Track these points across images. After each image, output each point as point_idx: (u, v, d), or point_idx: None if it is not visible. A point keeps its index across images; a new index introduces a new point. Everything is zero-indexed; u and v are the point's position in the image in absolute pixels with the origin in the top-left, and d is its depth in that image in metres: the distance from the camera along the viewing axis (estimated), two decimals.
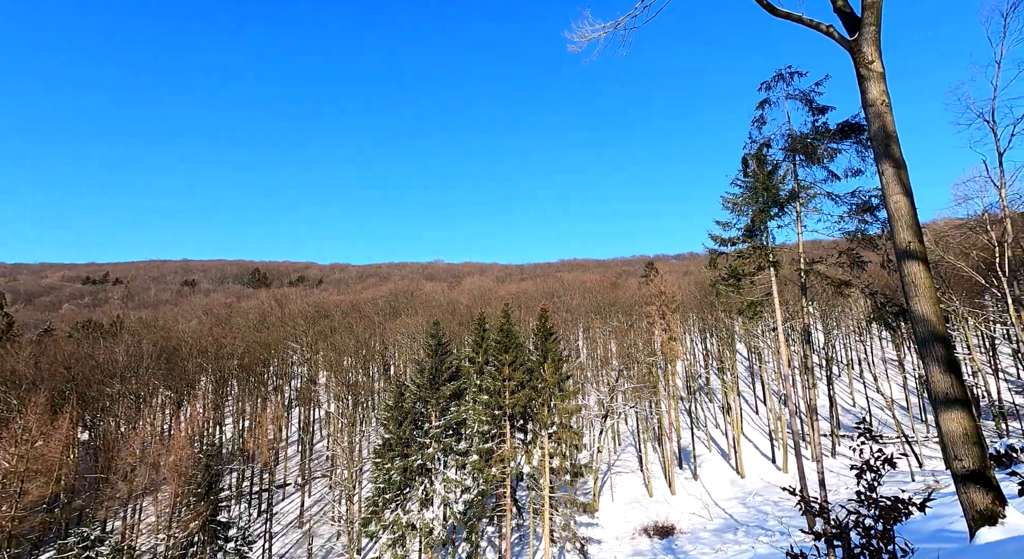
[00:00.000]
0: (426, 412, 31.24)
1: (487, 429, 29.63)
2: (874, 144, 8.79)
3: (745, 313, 20.59)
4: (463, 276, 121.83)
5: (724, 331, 59.64)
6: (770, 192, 14.60)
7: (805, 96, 12.54)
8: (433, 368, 32.51)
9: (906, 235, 8.49)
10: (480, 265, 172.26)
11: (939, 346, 8.13)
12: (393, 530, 24.64)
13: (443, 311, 64.46)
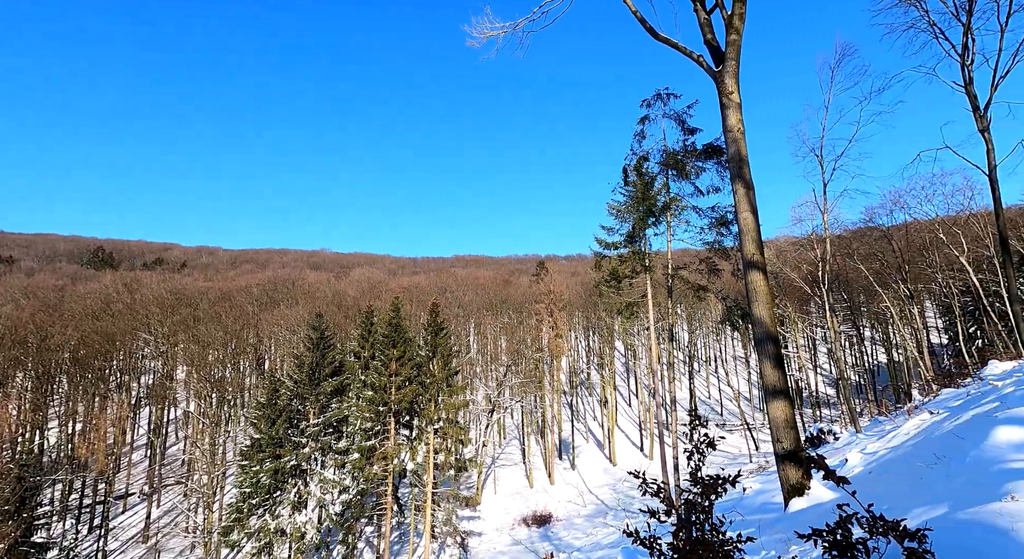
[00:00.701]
0: (304, 410, 29.27)
1: (370, 426, 28.58)
2: (730, 166, 9.97)
3: (623, 313, 22.25)
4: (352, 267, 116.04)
5: (605, 329, 63.81)
6: (648, 202, 15.96)
7: (679, 116, 14.00)
8: (314, 363, 30.55)
9: (751, 248, 9.73)
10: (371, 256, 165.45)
11: (771, 345, 9.47)
12: (259, 537, 22.71)
13: (328, 303, 60.85)
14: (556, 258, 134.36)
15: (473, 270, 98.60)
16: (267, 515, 24.28)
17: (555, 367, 55.05)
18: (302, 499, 25.69)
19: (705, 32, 9.68)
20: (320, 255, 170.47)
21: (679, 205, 14.70)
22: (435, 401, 30.48)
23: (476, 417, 51.17)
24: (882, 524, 2.27)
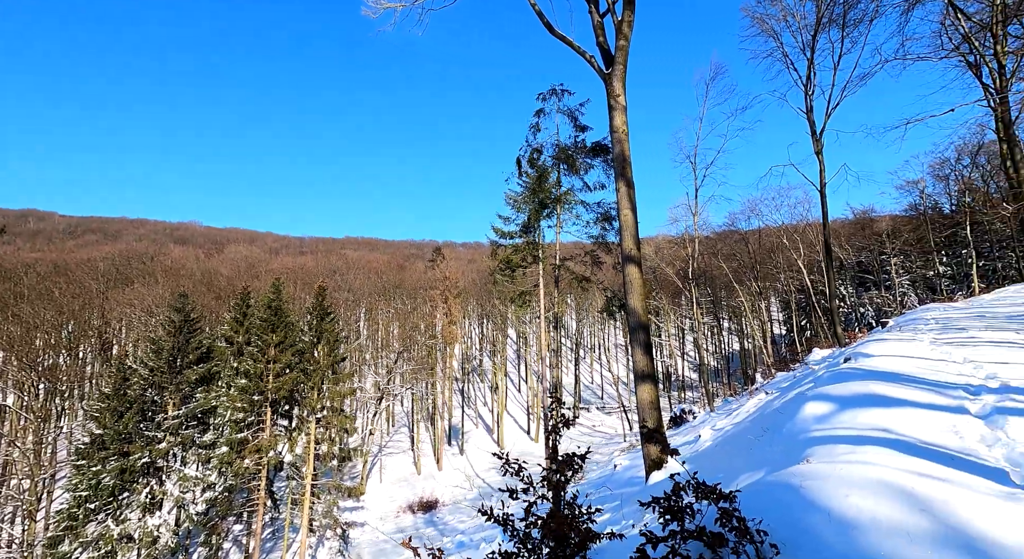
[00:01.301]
0: (161, 401, 26.03)
1: (243, 417, 26.30)
2: (615, 165, 10.61)
3: (516, 301, 22.84)
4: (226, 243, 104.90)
5: (499, 317, 64.96)
6: (543, 194, 16.48)
7: (571, 113, 14.66)
8: (175, 348, 27.24)
9: (629, 243, 10.46)
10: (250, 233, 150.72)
11: (642, 333, 10.32)
12: (99, 546, 19.87)
13: (196, 283, 54.51)
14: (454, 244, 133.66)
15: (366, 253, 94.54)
16: (110, 520, 21.30)
17: (448, 354, 55.00)
18: (155, 500, 22.92)
19: (598, 35, 10.13)
20: (188, 228, 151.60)
21: (569, 199, 15.43)
22: (318, 389, 28.90)
23: (364, 405, 49.54)
24: (703, 490, 2.60)
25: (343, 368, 35.46)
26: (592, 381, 73.10)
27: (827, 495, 2.83)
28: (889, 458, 3.53)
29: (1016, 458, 3.64)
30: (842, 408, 5.28)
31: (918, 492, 2.85)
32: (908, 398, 5.45)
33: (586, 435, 51.13)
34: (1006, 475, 3.34)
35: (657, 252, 50.46)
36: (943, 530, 2.49)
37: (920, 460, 3.51)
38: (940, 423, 4.52)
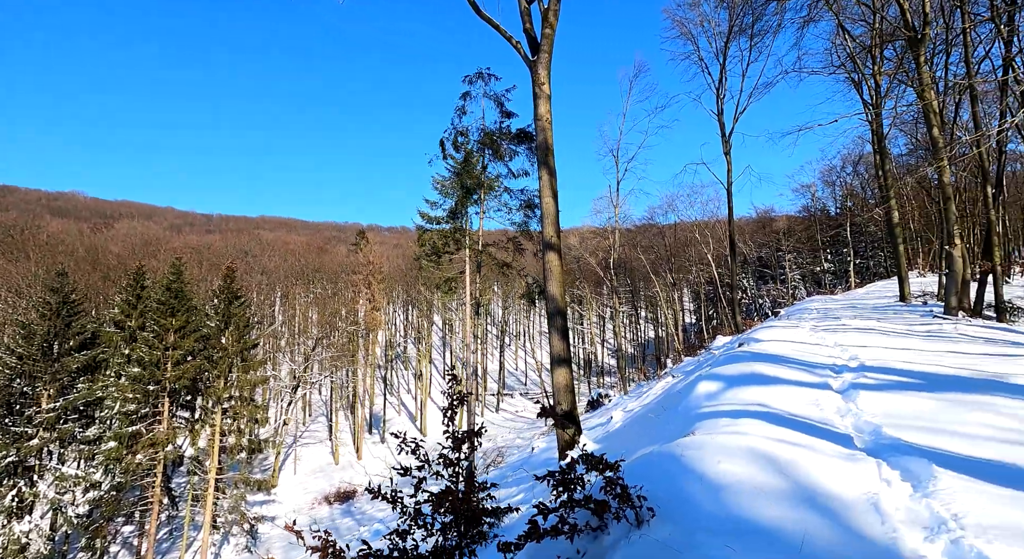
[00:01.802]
0: (33, 392, 23.05)
1: (135, 408, 23.98)
2: (538, 153, 10.75)
3: (442, 287, 22.60)
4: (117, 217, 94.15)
5: (424, 304, 64.05)
6: (471, 180, 16.36)
7: (498, 98, 14.67)
8: (51, 333, 24.18)
9: (550, 231, 10.68)
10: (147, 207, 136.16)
11: (560, 319, 10.63)
12: None
13: (79, 260, 48.55)
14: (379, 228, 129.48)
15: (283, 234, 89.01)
16: None
17: (371, 341, 53.50)
18: (25, 503, 20.39)
19: (525, 21, 10.14)
20: (69, 199, 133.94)
21: (495, 185, 15.45)
22: (225, 377, 26.99)
23: (278, 394, 47.03)
24: (592, 462, 2.75)
25: (255, 355, 33.34)
26: (516, 368, 74.44)
27: (702, 462, 3.10)
28: (761, 428, 3.93)
29: (861, 425, 4.21)
30: (729, 386, 5.80)
31: (778, 457, 3.20)
32: (784, 376, 6.08)
33: (509, 420, 52.13)
34: (851, 440, 3.85)
35: (581, 242, 52.01)
36: (794, 488, 2.82)
37: (785, 429, 3.95)
38: (806, 397, 5.10)
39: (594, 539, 2.73)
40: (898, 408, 4.55)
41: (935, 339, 9.04)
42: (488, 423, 51.58)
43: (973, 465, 3.12)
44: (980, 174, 15.00)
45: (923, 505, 2.68)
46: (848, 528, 2.45)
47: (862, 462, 3.26)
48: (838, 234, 49.88)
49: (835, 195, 53.15)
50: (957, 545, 2.29)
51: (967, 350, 7.67)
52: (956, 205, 14.58)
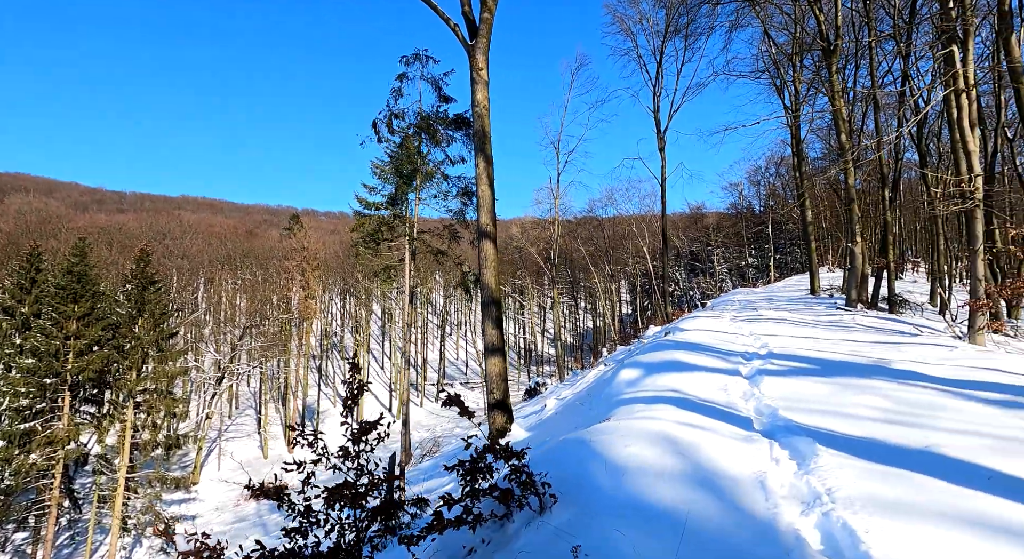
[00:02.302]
0: None
1: (28, 403, 21.68)
2: (475, 140, 10.60)
3: (381, 275, 21.97)
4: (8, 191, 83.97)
5: (363, 292, 62.21)
6: (412, 165, 15.87)
7: (435, 82, 14.26)
8: None
9: (486, 219, 10.59)
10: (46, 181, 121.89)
11: (494, 307, 10.61)
12: None
13: None
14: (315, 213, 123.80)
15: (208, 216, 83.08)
16: None
17: (305, 330, 51.38)
18: None
19: (463, 3, 9.90)
20: None
21: (432, 171, 15.10)
22: (138, 369, 24.96)
23: (200, 386, 44.22)
24: (498, 450, 2.74)
25: (173, 345, 31.08)
26: (457, 357, 74.17)
27: (611, 447, 3.18)
28: (671, 413, 4.10)
29: (761, 408, 4.50)
30: (648, 373, 6.02)
31: (683, 440, 3.34)
32: (700, 364, 6.40)
33: (449, 410, 51.99)
34: (751, 422, 4.10)
35: (523, 232, 52.33)
36: (693, 469, 2.95)
37: (694, 414, 4.14)
38: (717, 383, 5.39)
39: (500, 527, 2.72)
40: (795, 392, 4.90)
41: (835, 328, 9.86)
42: (428, 413, 51.18)
43: (851, 443, 3.40)
44: (880, 179, 16.47)
45: (804, 481, 2.89)
46: (735, 505, 2.59)
47: (757, 443, 3.47)
48: (761, 231, 53.30)
49: (760, 194, 56.72)
50: (827, 517, 2.49)
51: (860, 338, 8.42)
52: (859, 207, 15.93)
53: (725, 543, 2.24)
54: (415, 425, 46.36)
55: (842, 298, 16.00)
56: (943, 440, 3.29)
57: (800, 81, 17.92)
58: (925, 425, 3.67)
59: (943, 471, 2.83)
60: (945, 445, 3.18)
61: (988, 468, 2.85)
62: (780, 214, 45.22)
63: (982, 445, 3.17)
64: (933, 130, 19.90)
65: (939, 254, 20.33)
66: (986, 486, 2.64)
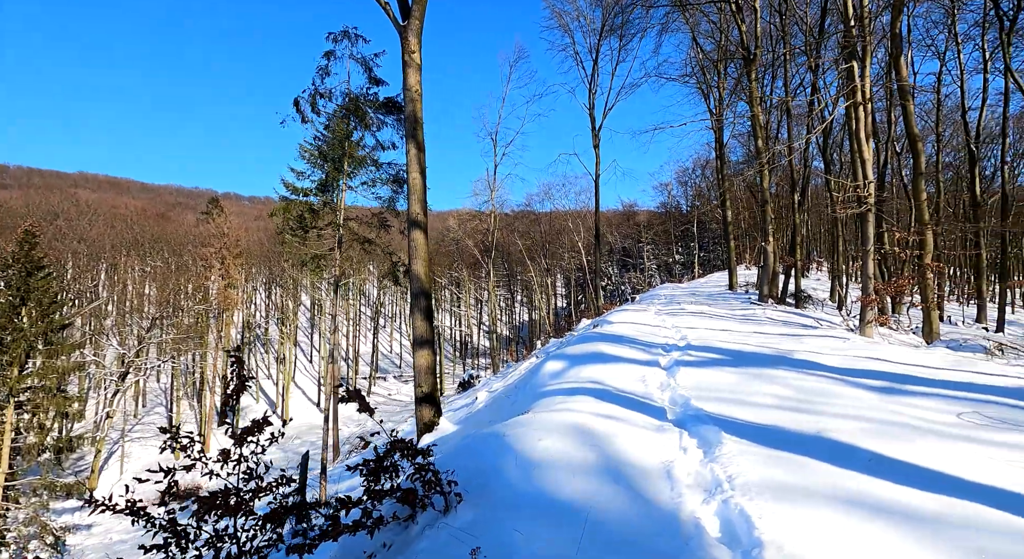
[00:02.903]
0: None
1: None
2: (406, 125, 10.20)
3: (309, 265, 20.84)
4: None
5: (291, 282, 59.17)
6: (339, 150, 15.04)
7: (366, 62, 13.56)
8: None
9: (416, 208, 10.24)
10: None
11: (423, 299, 10.33)
12: None
13: None
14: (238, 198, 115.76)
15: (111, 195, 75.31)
16: None
17: (225, 321, 48.09)
18: None
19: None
20: None
21: (364, 159, 14.41)
22: (21, 364, 22.19)
23: (100, 382, 40.21)
24: (402, 447, 2.58)
25: (66, 337, 27.97)
26: (391, 350, 72.52)
27: (524, 441, 3.11)
28: (589, 405, 4.12)
29: (676, 398, 4.65)
30: (572, 365, 6.07)
31: (598, 431, 3.33)
32: (622, 355, 6.54)
33: (382, 404, 50.77)
34: (665, 412, 4.22)
35: (460, 224, 51.89)
36: (604, 461, 2.95)
37: (611, 405, 4.20)
38: (636, 374, 5.53)
39: (404, 530, 2.58)
40: (707, 382, 5.11)
41: (748, 321, 10.51)
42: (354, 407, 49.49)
43: (753, 430, 3.57)
44: (791, 184, 17.79)
45: (708, 469, 2.98)
46: (641, 496, 2.61)
47: (668, 433, 3.55)
48: (688, 230, 56.24)
49: (687, 195, 59.75)
50: (727, 504, 2.56)
51: (769, 331, 9.01)
52: (772, 209, 17.11)
53: (628, 535, 2.24)
54: (346, 420, 44.91)
55: (756, 294, 17.15)
56: (832, 425, 3.53)
57: (724, 88, 18.91)
58: (818, 411, 3.92)
59: (831, 455, 3.02)
60: (833, 430, 3.41)
61: (868, 450, 3.08)
62: (704, 214, 47.88)
63: (864, 429, 3.42)
64: (836, 141, 21.77)
65: (839, 255, 22.37)
66: (866, 468, 2.84)
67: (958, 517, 2.34)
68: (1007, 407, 3.95)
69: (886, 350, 6.65)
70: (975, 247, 21.10)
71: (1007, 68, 16.97)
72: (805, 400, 4.24)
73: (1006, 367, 5.56)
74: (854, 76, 9.22)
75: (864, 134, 9.36)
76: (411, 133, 10.12)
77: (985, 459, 2.97)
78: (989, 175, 28.22)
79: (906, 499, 2.48)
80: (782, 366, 5.59)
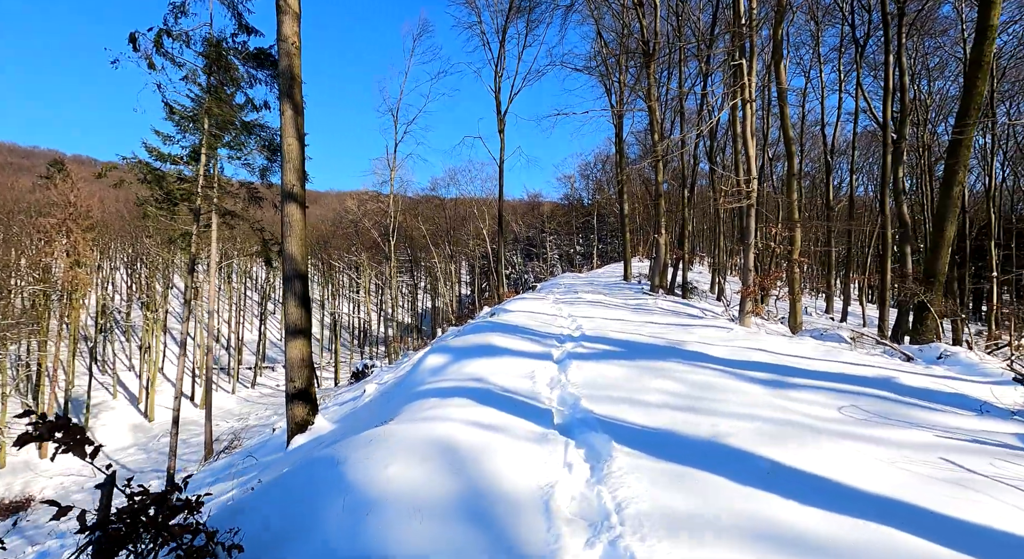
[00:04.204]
0: None
1: None
2: (281, 82, 8.74)
3: (179, 243, 17.95)
4: None
5: (160, 262, 52.17)
6: (223, 112, 12.77)
7: (234, 5, 11.44)
8: None
9: (292, 178, 8.86)
10: None
11: (299, 283, 9.02)
12: None
13: None
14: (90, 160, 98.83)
15: None
16: None
17: (72, 305, 41.04)
18: None
19: None
20: None
21: (231, 116, 12.32)
22: None
23: None
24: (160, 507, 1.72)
25: None
26: (281, 338, 67.14)
27: (367, 468, 2.38)
28: (464, 411, 3.49)
29: (565, 397, 4.18)
30: (456, 359, 5.42)
31: (464, 448, 2.69)
32: (513, 348, 6.02)
33: (268, 396, 46.84)
34: (551, 416, 3.72)
35: (360, 205, 49.12)
36: (466, 492, 2.31)
37: (491, 409, 3.60)
38: (526, 369, 5.02)
39: None
40: (600, 377, 4.73)
41: (641, 311, 10.61)
42: (243, 400, 45.38)
43: (646, 437, 3.17)
44: (681, 180, 18.67)
45: (595, 493, 2.46)
46: (508, 545, 2.01)
47: (552, 443, 3.03)
48: (588, 221, 58.35)
49: (589, 188, 61.87)
50: (614, 547, 2.04)
51: (660, 321, 9.08)
52: (665, 203, 17.80)
53: None
54: (225, 414, 40.90)
55: (648, 284, 17.81)
56: (727, 426, 3.24)
57: (624, 83, 19.30)
58: (711, 410, 3.66)
59: (729, 466, 2.68)
60: (729, 433, 3.11)
61: (766, 458, 2.78)
62: (603, 207, 49.82)
63: (758, 431, 3.17)
64: (720, 145, 23.37)
65: (719, 250, 24.15)
66: (765, 482, 2.51)
67: (869, 546, 2.03)
68: (877, 399, 4.00)
69: (766, 341, 6.84)
70: (827, 244, 24.01)
71: (858, 84, 19.17)
72: (697, 397, 3.98)
73: (866, 356, 5.90)
74: (743, 73, 9.53)
75: (750, 131, 9.74)
76: (287, 92, 8.69)
77: (873, 461, 2.80)
78: (837, 184, 32.32)
79: (813, 525, 2.15)
80: (673, 358, 5.40)
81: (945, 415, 3.57)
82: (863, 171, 34.80)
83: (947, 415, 3.58)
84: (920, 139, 22.52)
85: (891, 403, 3.86)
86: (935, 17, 20.10)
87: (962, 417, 3.53)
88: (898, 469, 2.67)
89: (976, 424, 3.33)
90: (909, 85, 17.26)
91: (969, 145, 8.01)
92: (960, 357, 5.20)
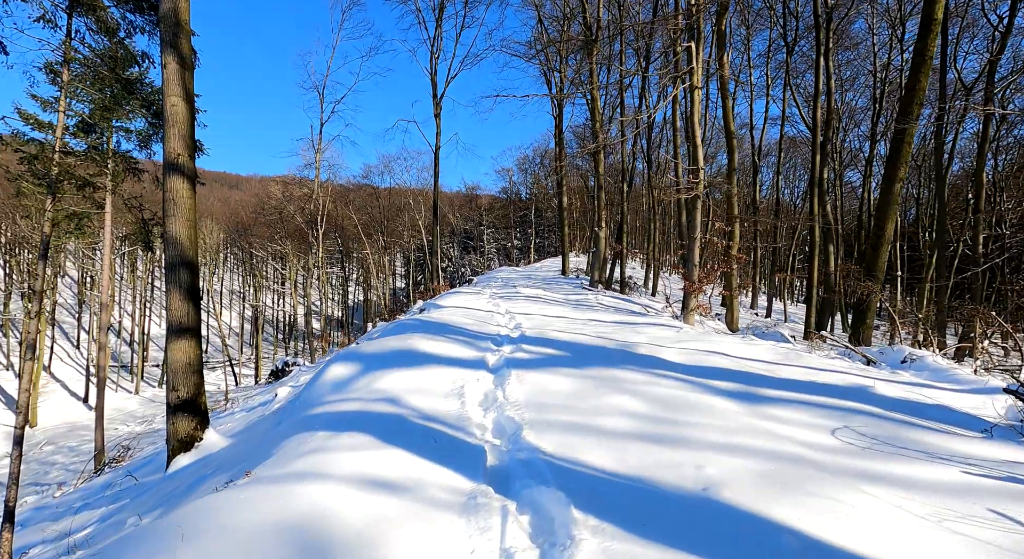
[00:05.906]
0: None
1: None
2: (162, 29, 7.13)
3: (66, 225, 15.05)
4: None
5: (52, 248, 45.68)
6: (116, 79, 10.46)
7: None
8: None
9: (178, 146, 7.22)
10: None
11: (185, 272, 7.41)
12: None
13: None
14: None
15: None
16: None
17: None
18: None
19: None
20: None
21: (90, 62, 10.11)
22: None
23: None
24: None
25: None
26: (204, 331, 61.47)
27: None
28: (358, 456, 2.46)
29: (503, 424, 3.26)
30: (368, 370, 4.33)
31: (343, 531, 1.67)
32: (440, 353, 5.01)
33: None
34: (483, 457, 2.75)
35: (285, 191, 45.71)
36: None
37: (398, 450, 2.60)
38: (454, 382, 4.04)
39: None
40: (545, 391, 3.86)
41: (582, 307, 9.92)
42: (147, 401, 40.79)
43: (617, 494, 2.27)
44: (620, 173, 18.35)
45: None
46: None
47: (483, 514, 2.06)
48: (526, 216, 57.94)
49: (527, 182, 61.45)
50: None
51: (604, 318, 8.40)
52: (604, 196, 17.37)
53: None
54: (126, 417, 36.52)
55: (587, 279, 17.33)
56: (716, 470, 2.44)
57: (565, 75, 18.66)
58: (688, 439, 2.87)
59: (737, 546, 1.86)
60: (722, 482, 2.31)
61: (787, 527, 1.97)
62: (541, 202, 49.51)
63: (758, 476, 2.40)
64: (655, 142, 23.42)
65: (655, 246, 24.29)
66: None
67: None
68: (868, 417, 3.42)
69: (718, 342, 6.30)
70: (753, 240, 24.86)
71: (786, 83, 19.70)
72: (666, 419, 3.19)
73: (827, 360, 5.48)
74: (691, 57, 9.04)
75: (697, 118, 9.30)
76: (170, 41, 7.03)
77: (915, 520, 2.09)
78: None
79: None
80: (628, 365, 4.63)
81: (950, 438, 3.02)
82: (782, 174, 36.81)
83: (952, 438, 3.03)
84: (834, 145, 23.78)
85: (885, 422, 3.27)
86: (849, 31, 21.23)
87: (971, 441, 2.99)
88: (951, 534, 1.98)
89: (995, 452, 2.78)
90: (832, 91, 17.94)
91: (911, 142, 7.94)
92: (927, 361, 4.87)
